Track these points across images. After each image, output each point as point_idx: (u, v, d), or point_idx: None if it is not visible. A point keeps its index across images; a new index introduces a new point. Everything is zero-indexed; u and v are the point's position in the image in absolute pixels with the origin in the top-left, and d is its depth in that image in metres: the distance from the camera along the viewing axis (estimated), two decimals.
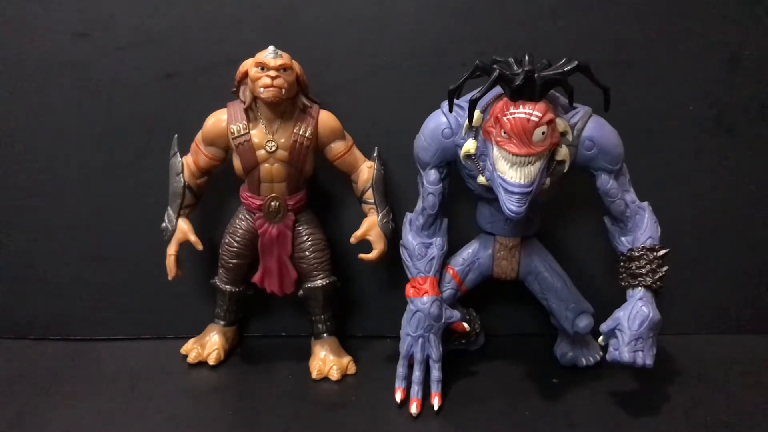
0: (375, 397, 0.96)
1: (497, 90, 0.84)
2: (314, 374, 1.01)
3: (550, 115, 0.81)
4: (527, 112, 0.80)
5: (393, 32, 1.03)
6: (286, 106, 0.95)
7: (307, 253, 1.02)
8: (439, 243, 0.96)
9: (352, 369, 1.03)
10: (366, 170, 1.01)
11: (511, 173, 0.82)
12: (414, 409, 0.92)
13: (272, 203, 0.99)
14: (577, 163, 0.88)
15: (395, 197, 1.06)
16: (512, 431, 0.88)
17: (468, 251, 1.01)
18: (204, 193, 1.04)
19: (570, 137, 0.86)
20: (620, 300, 0.91)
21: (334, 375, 1.01)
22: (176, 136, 1.01)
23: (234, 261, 1.04)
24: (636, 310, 0.88)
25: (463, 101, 0.88)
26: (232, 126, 0.96)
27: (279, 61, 0.92)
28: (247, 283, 1.07)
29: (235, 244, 1.03)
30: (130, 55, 1.03)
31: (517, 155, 0.81)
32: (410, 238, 0.96)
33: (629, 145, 0.91)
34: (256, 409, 0.94)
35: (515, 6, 1.02)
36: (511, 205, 0.82)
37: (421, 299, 0.94)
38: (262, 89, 0.91)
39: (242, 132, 0.95)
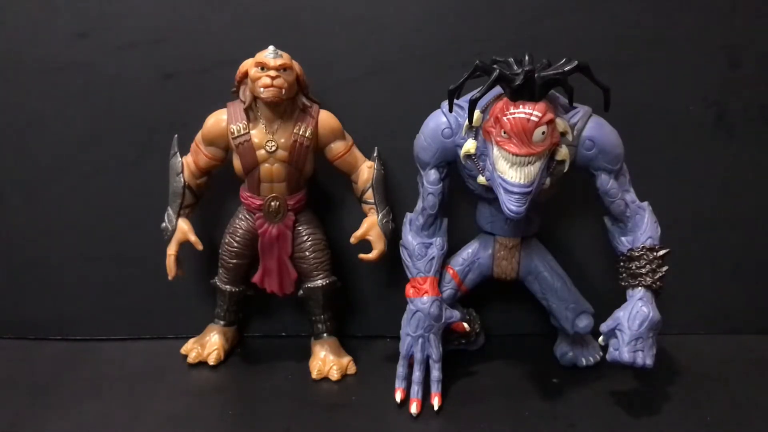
0: (375, 397, 0.96)
1: (497, 90, 0.84)
2: (314, 374, 1.01)
3: (550, 115, 0.81)
4: (527, 112, 0.80)
5: (393, 32, 1.03)
6: (286, 106, 0.95)
7: (307, 253, 1.02)
8: (439, 243, 0.96)
9: (352, 369, 1.03)
10: (366, 170, 1.01)
11: (511, 173, 0.82)
12: (414, 409, 0.92)
13: (272, 203, 0.99)
14: (577, 163, 0.88)
15: (395, 197, 1.06)
16: (512, 431, 0.88)
17: (468, 251, 1.01)
18: (204, 193, 1.04)
19: (570, 137, 0.86)
20: (620, 300, 0.91)
21: (334, 375, 1.01)
22: (176, 136, 1.01)
23: (234, 261, 1.04)
24: (636, 310, 0.88)
25: (463, 101, 0.88)
26: (232, 126, 0.96)
27: (279, 61, 0.92)
28: (247, 283, 1.07)
29: (235, 244, 1.03)
30: (130, 55, 1.03)
31: (517, 155, 0.81)
32: (410, 238, 0.96)
33: (629, 145, 0.91)
34: (256, 409, 0.94)
35: (515, 6, 1.02)
36: (511, 205, 0.82)
37: (421, 299, 0.94)
38: (262, 89, 0.91)
39: (242, 132, 0.95)
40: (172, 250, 1.01)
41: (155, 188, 1.05)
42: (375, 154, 1.01)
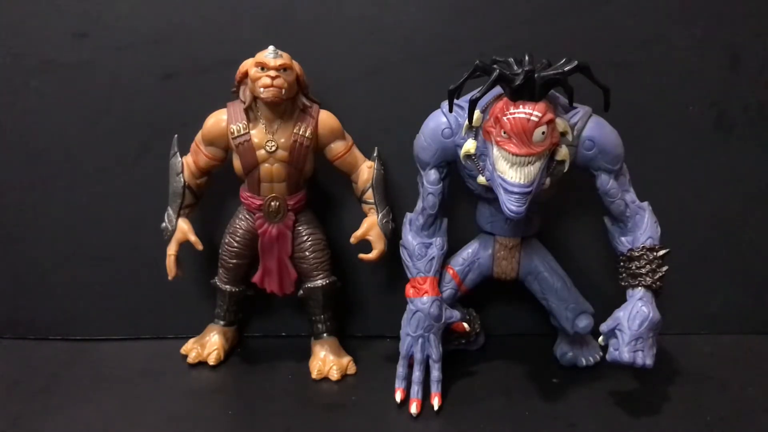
0: (375, 397, 0.96)
1: (497, 90, 0.84)
2: (314, 374, 1.01)
3: (550, 115, 0.81)
4: (527, 112, 0.80)
5: (393, 32, 1.03)
6: (286, 106, 0.95)
7: (307, 253, 1.02)
8: (439, 243, 0.96)
9: (352, 369, 1.03)
10: (366, 170, 1.01)
11: (511, 173, 0.82)
12: (414, 409, 0.92)
13: (272, 203, 0.99)
14: (577, 163, 0.88)
15: (395, 197, 1.06)
16: (512, 431, 0.88)
17: (468, 251, 1.01)
18: (204, 193, 1.04)
19: (570, 137, 0.86)
20: (620, 300, 0.91)
21: (334, 375, 1.01)
22: (176, 136, 1.01)
23: (234, 261, 1.04)
24: (636, 310, 0.88)
25: (463, 101, 0.88)
26: (232, 126, 0.96)
27: (279, 61, 0.92)
28: (247, 283, 1.07)
29: (235, 244, 1.03)
30: (130, 55, 1.03)
31: (517, 155, 0.81)
32: (410, 238, 0.96)
33: (629, 145, 0.91)
34: (256, 409, 0.94)
35: (515, 6, 1.02)
36: (511, 205, 0.82)
37: (421, 299, 0.94)
38: (262, 89, 0.91)
39: (242, 132, 0.95)
40: (172, 250, 1.01)
41: (155, 188, 1.05)
42: (375, 154, 1.01)
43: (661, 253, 0.91)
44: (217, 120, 0.97)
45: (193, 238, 1.00)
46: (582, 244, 1.10)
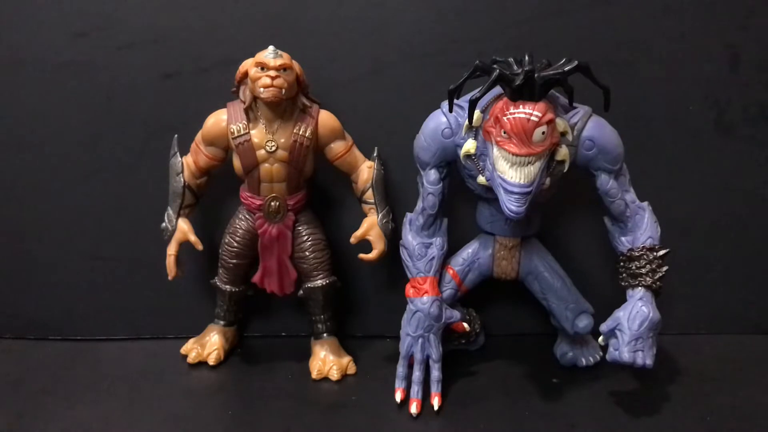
0: (375, 397, 0.96)
1: (497, 90, 0.84)
2: (314, 374, 1.01)
3: (550, 115, 0.81)
4: (527, 112, 0.80)
5: (393, 32, 1.03)
6: (286, 106, 0.95)
7: (307, 253, 1.02)
8: (439, 243, 0.96)
9: (352, 369, 1.03)
10: (366, 170, 1.01)
11: (511, 173, 0.82)
12: (414, 409, 0.92)
13: (272, 203, 0.99)
14: (577, 163, 0.88)
15: (395, 197, 1.06)
16: (512, 431, 0.88)
17: (468, 251, 1.01)
18: (204, 193, 1.04)
19: (570, 137, 0.86)
20: (620, 300, 0.91)
21: (334, 375, 1.01)
22: (176, 136, 1.01)
23: (234, 261, 1.04)
24: (636, 310, 0.88)
25: (463, 101, 0.88)
26: (232, 126, 0.96)
27: (279, 61, 0.92)
28: (247, 283, 1.07)
29: (235, 244, 1.03)
30: (130, 55, 1.04)
31: (517, 155, 0.81)
32: (410, 238, 0.96)
33: (629, 145, 0.91)
34: (256, 409, 0.94)
35: (515, 6, 1.02)
36: (511, 205, 0.82)
37: (421, 299, 0.94)
38: (262, 89, 0.91)
39: (242, 132, 0.96)
40: (172, 250, 1.01)
41: (155, 188, 1.05)
42: (375, 154, 1.01)
43: (661, 253, 0.91)
44: (217, 120, 0.97)
45: (193, 238, 1.00)
46: (582, 244, 1.10)
